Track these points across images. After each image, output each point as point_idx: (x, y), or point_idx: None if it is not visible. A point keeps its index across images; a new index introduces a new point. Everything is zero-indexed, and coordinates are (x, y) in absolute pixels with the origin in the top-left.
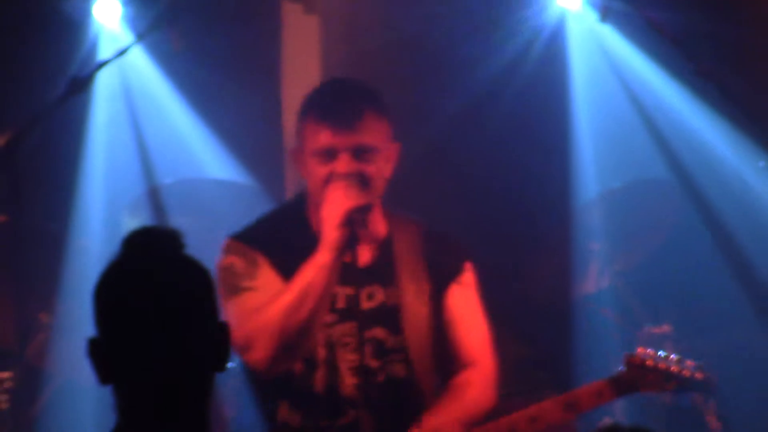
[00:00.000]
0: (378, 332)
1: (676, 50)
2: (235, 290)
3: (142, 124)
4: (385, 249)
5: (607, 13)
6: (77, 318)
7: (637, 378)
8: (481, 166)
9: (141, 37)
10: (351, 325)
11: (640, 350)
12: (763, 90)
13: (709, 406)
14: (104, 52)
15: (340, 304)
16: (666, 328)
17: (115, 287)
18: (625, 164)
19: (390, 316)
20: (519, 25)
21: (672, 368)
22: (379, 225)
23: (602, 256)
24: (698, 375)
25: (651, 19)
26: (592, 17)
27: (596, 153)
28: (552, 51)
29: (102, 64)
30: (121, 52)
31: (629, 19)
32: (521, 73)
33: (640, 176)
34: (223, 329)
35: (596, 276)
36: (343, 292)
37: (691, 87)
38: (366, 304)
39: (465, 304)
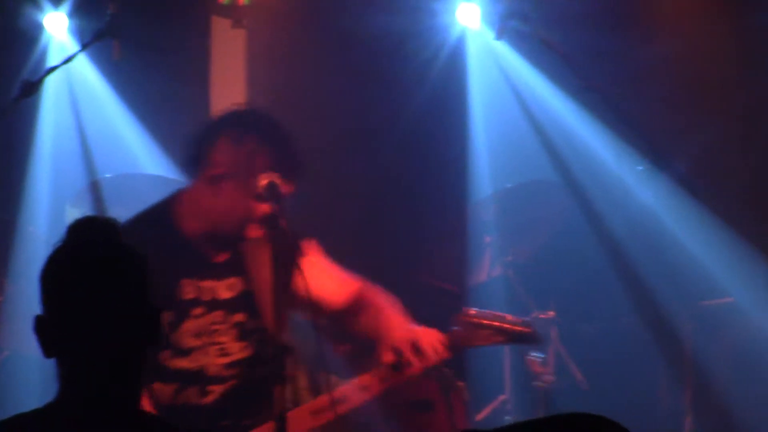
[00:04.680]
0: (239, 317)
1: (566, 66)
2: None
3: (85, 124)
4: (235, 245)
5: (502, 32)
6: (25, 297)
7: (470, 334)
8: (390, 167)
9: (85, 46)
10: (217, 313)
11: (468, 310)
12: (645, 103)
13: (538, 357)
14: (53, 59)
15: (206, 296)
16: (551, 314)
17: (60, 270)
18: (517, 167)
19: (248, 302)
20: (424, 42)
21: (498, 323)
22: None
23: (495, 248)
24: (524, 329)
25: (543, 37)
26: (489, 35)
27: (491, 156)
28: (453, 65)
29: (50, 70)
30: (68, 60)
31: (523, 38)
32: (426, 84)
33: (530, 177)
34: (155, 309)
35: (489, 266)
36: (206, 286)
37: (578, 99)
38: (226, 294)
39: (314, 274)
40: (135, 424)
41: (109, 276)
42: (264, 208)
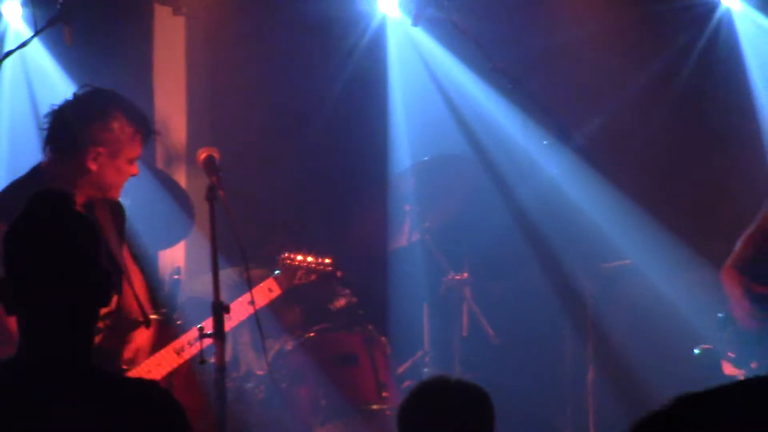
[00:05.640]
0: None
1: (477, 49)
2: None
3: (39, 103)
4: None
5: (419, 18)
6: None
7: (290, 274)
8: (318, 143)
9: (39, 32)
10: None
11: (286, 253)
12: (550, 83)
13: (345, 292)
14: (8, 45)
15: None
16: (465, 275)
17: (19, 236)
18: (433, 141)
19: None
20: (348, 28)
21: (310, 264)
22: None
23: (414, 215)
24: (327, 267)
25: (456, 23)
26: (407, 21)
27: (409, 132)
28: (375, 49)
29: (7, 55)
30: (23, 45)
31: (438, 23)
32: (350, 67)
33: (445, 151)
34: (106, 272)
35: (409, 232)
36: None
37: (489, 80)
38: None
39: None
40: (86, 375)
41: (62, 242)
42: (132, 170)
